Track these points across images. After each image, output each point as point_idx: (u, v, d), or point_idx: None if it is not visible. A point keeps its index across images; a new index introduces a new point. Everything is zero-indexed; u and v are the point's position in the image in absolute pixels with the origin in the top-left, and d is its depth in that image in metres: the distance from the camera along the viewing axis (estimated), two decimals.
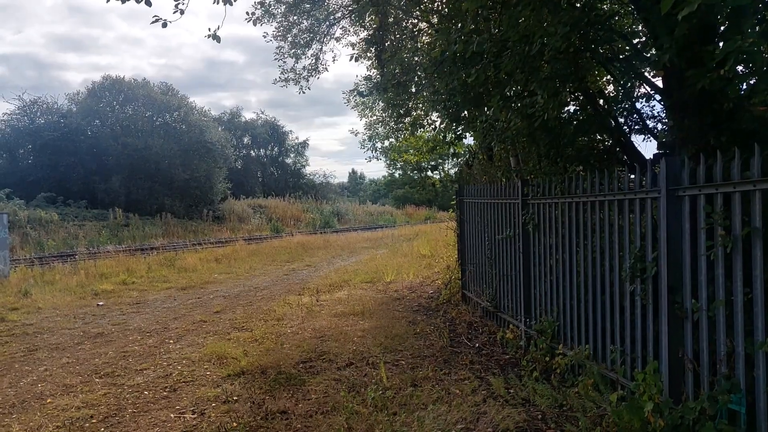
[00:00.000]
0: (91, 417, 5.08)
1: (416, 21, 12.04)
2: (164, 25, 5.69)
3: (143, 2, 5.80)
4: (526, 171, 7.49)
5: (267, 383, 5.81)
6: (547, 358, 5.70)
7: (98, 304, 10.78)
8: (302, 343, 7.37)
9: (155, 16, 5.68)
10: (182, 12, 5.99)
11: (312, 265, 16.71)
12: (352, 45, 14.73)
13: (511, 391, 5.25)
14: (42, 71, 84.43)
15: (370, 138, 31.44)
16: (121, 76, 38.30)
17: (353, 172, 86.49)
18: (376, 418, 4.72)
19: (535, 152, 6.76)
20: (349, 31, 14.49)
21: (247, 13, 12.17)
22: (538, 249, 6.32)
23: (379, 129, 21.74)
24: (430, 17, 10.76)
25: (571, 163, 6.37)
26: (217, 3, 6.56)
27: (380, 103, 15.04)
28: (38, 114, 36.49)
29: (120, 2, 5.66)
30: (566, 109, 6.39)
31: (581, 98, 6.41)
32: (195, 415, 5.06)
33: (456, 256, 10.71)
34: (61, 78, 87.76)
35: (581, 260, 5.28)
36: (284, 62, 14.66)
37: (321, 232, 30.58)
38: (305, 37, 13.82)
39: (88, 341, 7.98)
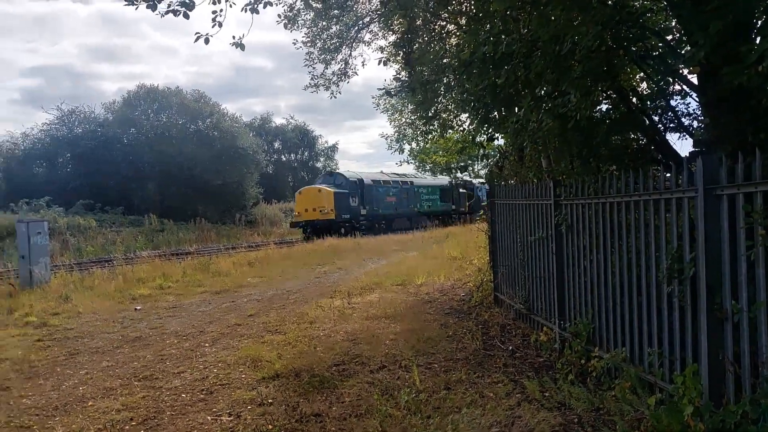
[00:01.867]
0: (131, 419, 5.20)
1: (444, 23, 12.03)
2: (206, 41, 5.79)
3: (181, 14, 5.92)
4: (558, 171, 7.41)
5: (301, 386, 5.86)
6: (583, 361, 5.63)
7: (136, 309, 11.01)
8: (335, 346, 7.42)
9: (197, 33, 5.80)
10: (220, 25, 6.10)
11: (343, 268, 16.79)
12: (381, 49, 14.81)
13: (546, 394, 5.19)
14: (77, 81, 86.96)
15: (398, 140, 31.84)
16: (155, 85, 39.19)
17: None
18: (410, 421, 4.72)
19: (567, 152, 6.69)
20: (378, 35, 14.58)
21: (279, 15, 12.33)
22: (572, 250, 6.25)
23: (408, 131, 21.75)
24: (458, 19, 10.74)
25: (605, 163, 6.29)
26: (245, 11, 6.68)
27: (409, 105, 15.08)
28: (76, 123, 37.50)
29: (160, 16, 5.79)
30: (599, 108, 6.32)
31: (614, 97, 6.33)
32: (231, 418, 5.14)
33: (487, 258, 10.65)
34: (96, 87, 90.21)
35: (616, 261, 5.20)
36: (314, 68, 14.84)
37: (351, 235, 30.71)
38: (334, 43, 13.94)
39: (126, 345, 8.16)
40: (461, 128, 12.93)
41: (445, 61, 10.14)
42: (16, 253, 15.20)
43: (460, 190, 42.01)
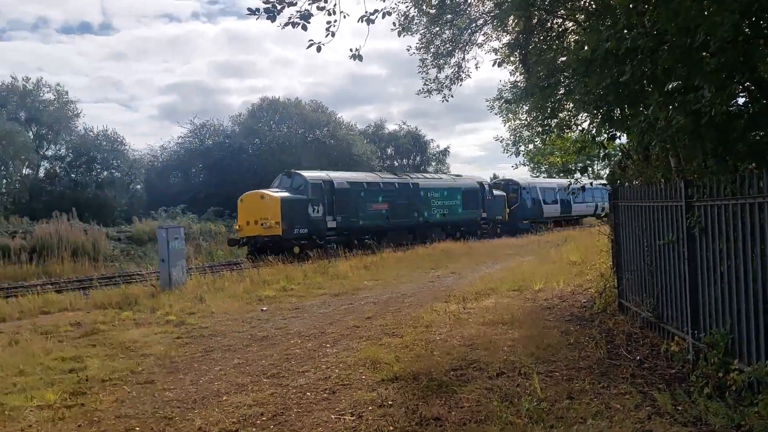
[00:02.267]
0: (261, 414, 5.52)
1: (561, 20, 11.68)
2: (318, 50, 6.07)
3: (300, 26, 6.24)
4: (689, 171, 6.94)
5: (419, 389, 5.93)
6: (720, 374, 5.22)
7: (262, 310, 11.65)
8: (451, 351, 7.42)
9: (310, 40, 6.09)
10: (333, 34, 6.35)
11: (456, 272, 16.74)
12: (495, 50, 14.63)
13: (680, 408, 4.88)
14: (207, 96, 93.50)
15: (514, 143, 30.79)
16: (277, 97, 41.26)
17: (494, 177, 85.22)
18: (532, 430, 4.63)
19: (699, 150, 6.25)
20: (491, 36, 14.42)
21: (393, 23, 12.58)
22: (706, 255, 5.83)
23: (524, 133, 21.27)
24: (577, 15, 10.39)
25: (743, 161, 5.81)
26: (361, 21, 6.90)
27: (524, 106, 14.77)
28: (207, 136, 40.37)
29: (280, 27, 6.12)
30: (735, 102, 5.86)
31: (752, 89, 5.84)
32: (354, 418, 5.31)
33: (610, 262, 10.18)
34: (223, 102, 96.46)
35: (758, 267, 4.79)
36: (427, 73, 14.94)
37: (464, 239, 30.46)
38: (447, 47, 13.96)
39: (255, 344, 8.66)
40: (580, 128, 12.48)
41: (563, 59, 9.84)
42: (157, 256, 16.59)
43: (495, 193, 33.59)
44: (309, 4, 6.11)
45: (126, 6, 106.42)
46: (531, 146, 30.37)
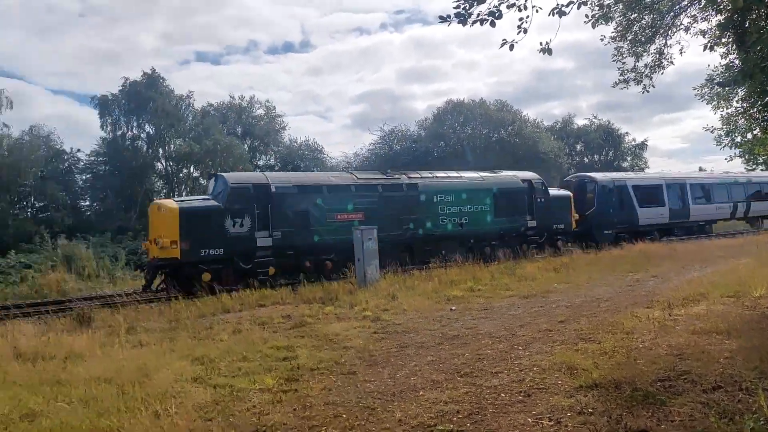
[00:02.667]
0: (457, 412, 5.61)
1: None
2: (511, 48, 6.00)
3: (488, 23, 6.20)
4: None
5: (622, 399, 5.59)
6: None
7: (451, 309, 11.84)
8: (657, 360, 6.88)
9: (503, 39, 6.04)
10: (525, 31, 6.22)
11: (658, 275, 15.46)
12: (703, 33, 13.27)
13: None
14: (395, 103, 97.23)
15: (727, 133, 27.12)
16: (461, 99, 41.59)
17: (700, 171, 77.17)
18: None
19: None
20: (698, 18, 13.10)
21: (586, 16, 11.98)
22: None
23: (739, 121, 18.93)
24: None
25: None
26: (552, 15, 6.67)
27: (740, 91, 13.18)
28: (395, 141, 42.07)
29: (469, 26, 6.14)
30: None
31: None
32: (552, 423, 5.17)
33: None
34: (409, 107, 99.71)
35: None
36: (623, 63, 14.04)
37: (665, 240, 27.97)
38: (646, 33, 12.98)
39: (446, 342, 8.83)
40: None
41: None
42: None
43: (553, 194, 24.77)
44: (499, 3, 6.06)
45: (322, 24, 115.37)
46: (749, 135, 26.29)
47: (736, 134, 24.88)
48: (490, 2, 6.14)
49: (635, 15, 12.67)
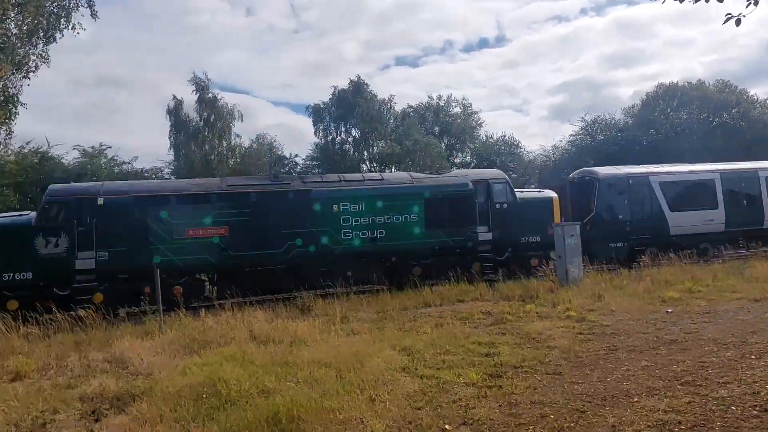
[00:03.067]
0: (679, 423, 5.18)
1: None
2: (738, 23, 5.36)
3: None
4: None
5: None
6: None
7: (667, 311, 10.91)
8: None
9: (728, 14, 5.43)
10: (756, 3, 5.51)
11: None
12: None
13: None
14: (596, 92, 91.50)
15: None
16: (674, 82, 37.99)
17: None
18: None
19: None
20: None
21: None
22: None
23: None
24: None
25: None
26: None
27: None
28: (597, 131, 39.79)
29: (692, 2, 5.62)
30: None
31: None
32: None
33: None
34: (612, 95, 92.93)
35: None
36: None
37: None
38: None
39: (662, 347, 8.17)
40: None
41: None
42: (554, 253, 17.09)
43: (524, 197, 19.08)
44: None
45: (518, 16, 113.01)
46: None
47: None
48: None
49: None
